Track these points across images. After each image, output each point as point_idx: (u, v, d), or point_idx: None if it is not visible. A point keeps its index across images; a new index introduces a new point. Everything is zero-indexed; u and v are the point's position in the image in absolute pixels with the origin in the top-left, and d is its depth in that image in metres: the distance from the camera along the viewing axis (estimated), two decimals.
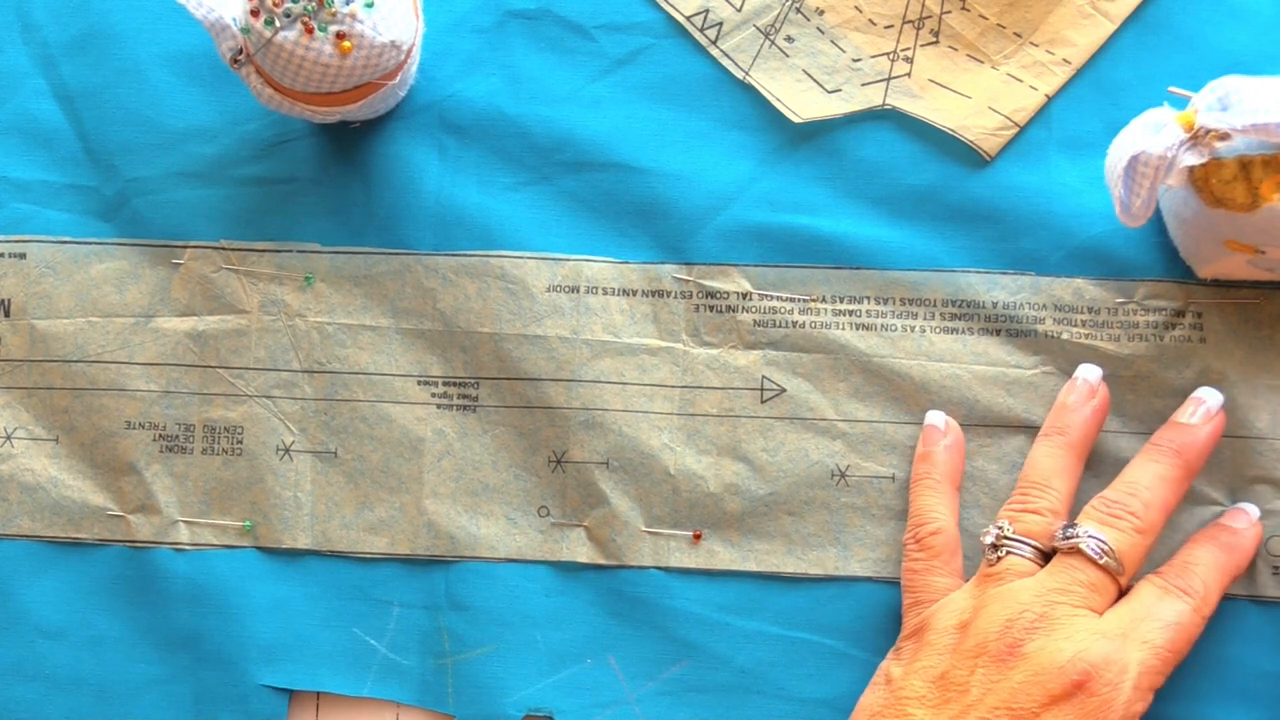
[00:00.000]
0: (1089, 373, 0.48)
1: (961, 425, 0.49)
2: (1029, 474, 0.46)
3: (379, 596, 0.50)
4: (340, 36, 0.44)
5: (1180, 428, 0.46)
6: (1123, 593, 0.44)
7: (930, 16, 0.51)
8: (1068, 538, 0.44)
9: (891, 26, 0.51)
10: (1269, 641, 0.47)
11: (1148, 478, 0.45)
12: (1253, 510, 0.47)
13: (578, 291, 0.50)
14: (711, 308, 0.50)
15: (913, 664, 0.44)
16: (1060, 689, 0.41)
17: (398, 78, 0.47)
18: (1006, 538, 0.45)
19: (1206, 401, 0.47)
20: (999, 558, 0.45)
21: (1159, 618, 0.43)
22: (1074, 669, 0.41)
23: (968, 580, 0.46)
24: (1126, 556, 0.44)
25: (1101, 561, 0.43)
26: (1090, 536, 0.43)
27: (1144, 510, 0.44)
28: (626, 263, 0.50)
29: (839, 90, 0.51)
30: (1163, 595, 0.44)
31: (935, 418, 0.48)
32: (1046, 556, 0.45)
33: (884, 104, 0.50)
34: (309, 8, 0.44)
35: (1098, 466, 0.48)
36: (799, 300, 0.50)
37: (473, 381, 0.50)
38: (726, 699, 0.48)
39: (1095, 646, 0.41)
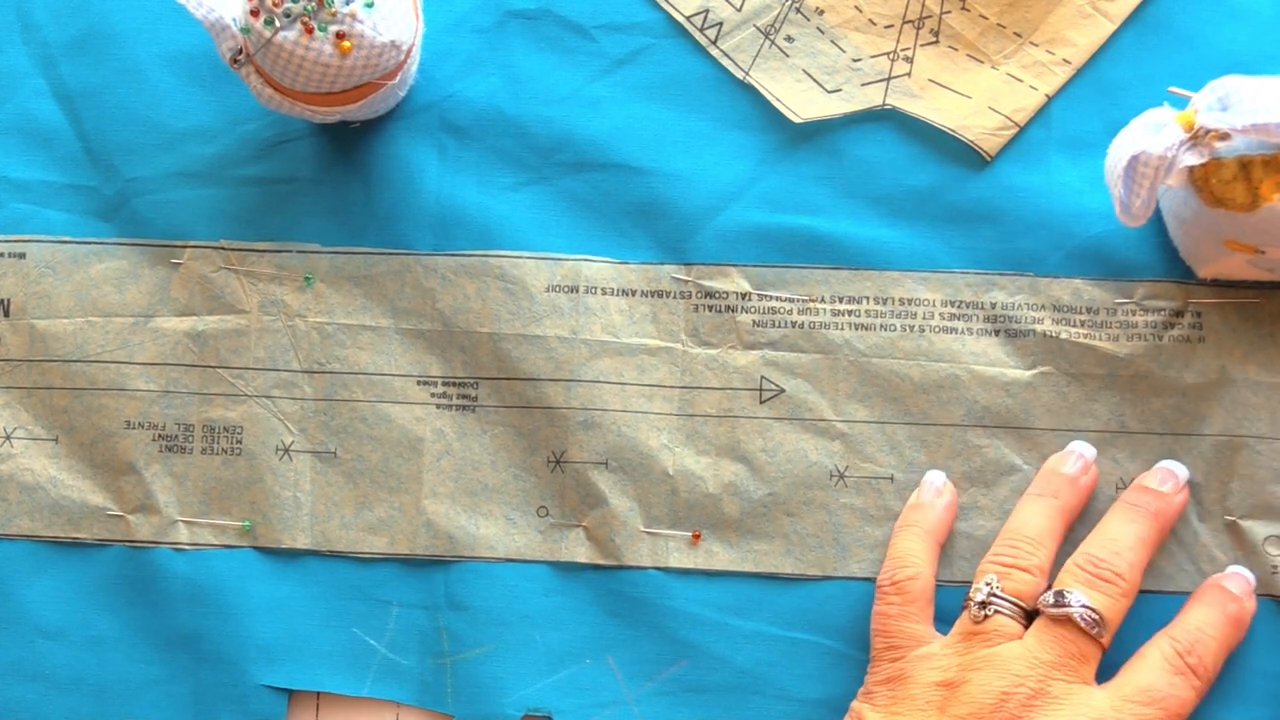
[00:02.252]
0: (1084, 449, 0.48)
1: (960, 425, 0.49)
2: (1020, 529, 0.46)
3: (378, 596, 0.50)
4: (340, 36, 0.44)
5: (1155, 494, 0.46)
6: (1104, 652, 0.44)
7: (930, 16, 0.51)
8: (1059, 604, 0.43)
9: (891, 26, 0.51)
10: (1270, 641, 0.47)
11: (1130, 538, 0.45)
12: (1251, 577, 0.47)
13: (577, 291, 0.50)
14: (711, 308, 0.50)
15: (892, 715, 0.44)
16: None
17: (398, 78, 0.48)
18: (996, 595, 0.44)
19: (1174, 471, 0.47)
20: (985, 615, 0.44)
21: (1165, 705, 0.43)
22: None
23: (940, 632, 0.46)
24: (1112, 622, 0.44)
25: (1093, 632, 0.43)
26: (1083, 606, 0.43)
27: (1129, 572, 0.44)
28: (626, 263, 0.50)
29: (839, 90, 0.51)
30: (1171, 675, 0.43)
31: (935, 477, 0.48)
32: (1029, 616, 0.45)
33: (884, 104, 0.50)
34: (309, 8, 0.44)
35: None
36: (798, 300, 0.50)
37: (472, 381, 0.50)
38: (725, 699, 0.48)
39: None
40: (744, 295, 0.50)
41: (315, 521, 0.50)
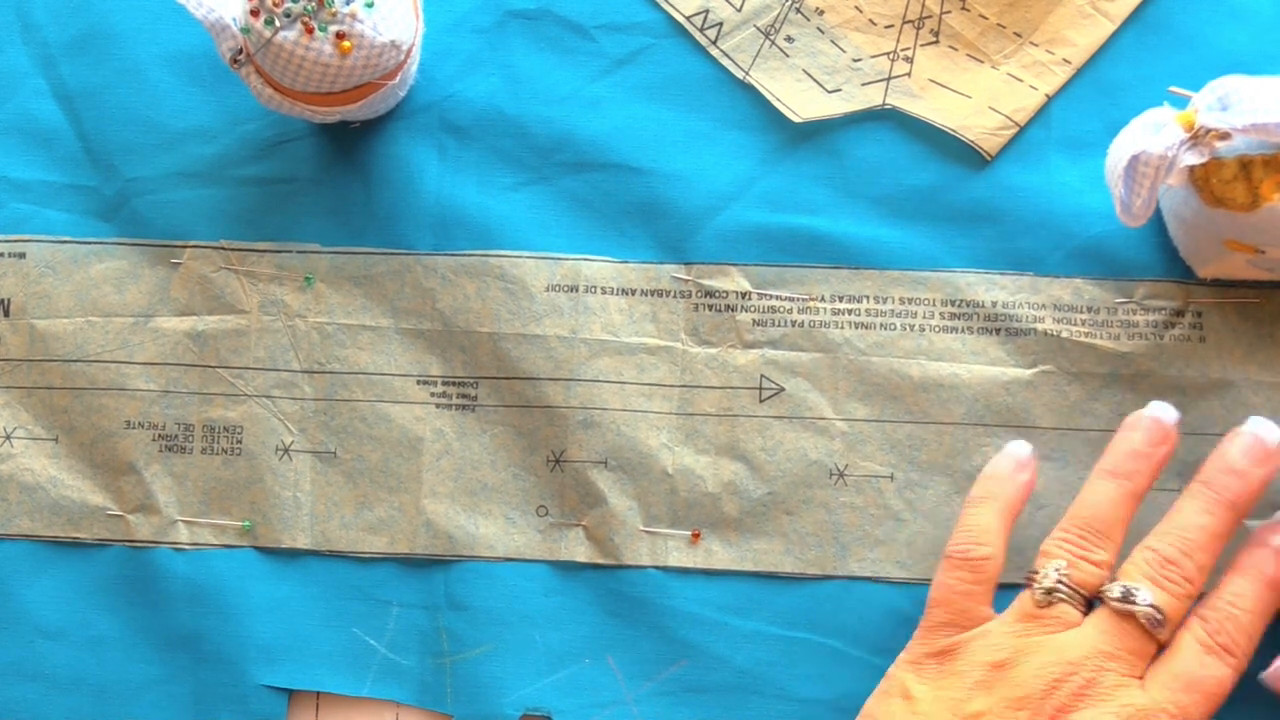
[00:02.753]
0: (1164, 412, 0.46)
1: (960, 424, 0.49)
2: (1092, 517, 0.44)
3: (378, 596, 0.50)
4: (340, 36, 0.44)
5: (1238, 477, 0.44)
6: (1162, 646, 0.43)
7: (930, 16, 0.51)
8: (1125, 600, 0.42)
9: (891, 26, 0.51)
10: (1268, 640, 0.47)
11: (1203, 535, 0.43)
12: None
13: (577, 291, 0.50)
14: (710, 307, 0.50)
15: (939, 689, 0.43)
16: None
17: (398, 78, 0.48)
18: (1062, 583, 0.43)
19: (1259, 433, 0.45)
20: (1049, 602, 0.43)
21: (1200, 687, 0.42)
22: None
23: (998, 610, 0.45)
24: (1173, 620, 0.43)
25: (1155, 632, 0.42)
26: (1149, 605, 0.42)
27: (1197, 575, 0.43)
28: (625, 262, 0.50)
29: (839, 90, 0.51)
30: (1204, 655, 0.42)
31: (1019, 448, 0.47)
32: (1089, 603, 0.44)
33: (884, 104, 0.50)
34: (309, 8, 0.44)
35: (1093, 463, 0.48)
36: (798, 300, 0.50)
37: (472, 381, 0.50)
38: (725, 699, 0.48)
39: None
40: (744, 294, 0.50)
41: (315, 521, 0.50)
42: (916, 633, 0.45)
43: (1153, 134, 0.42)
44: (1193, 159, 0.42)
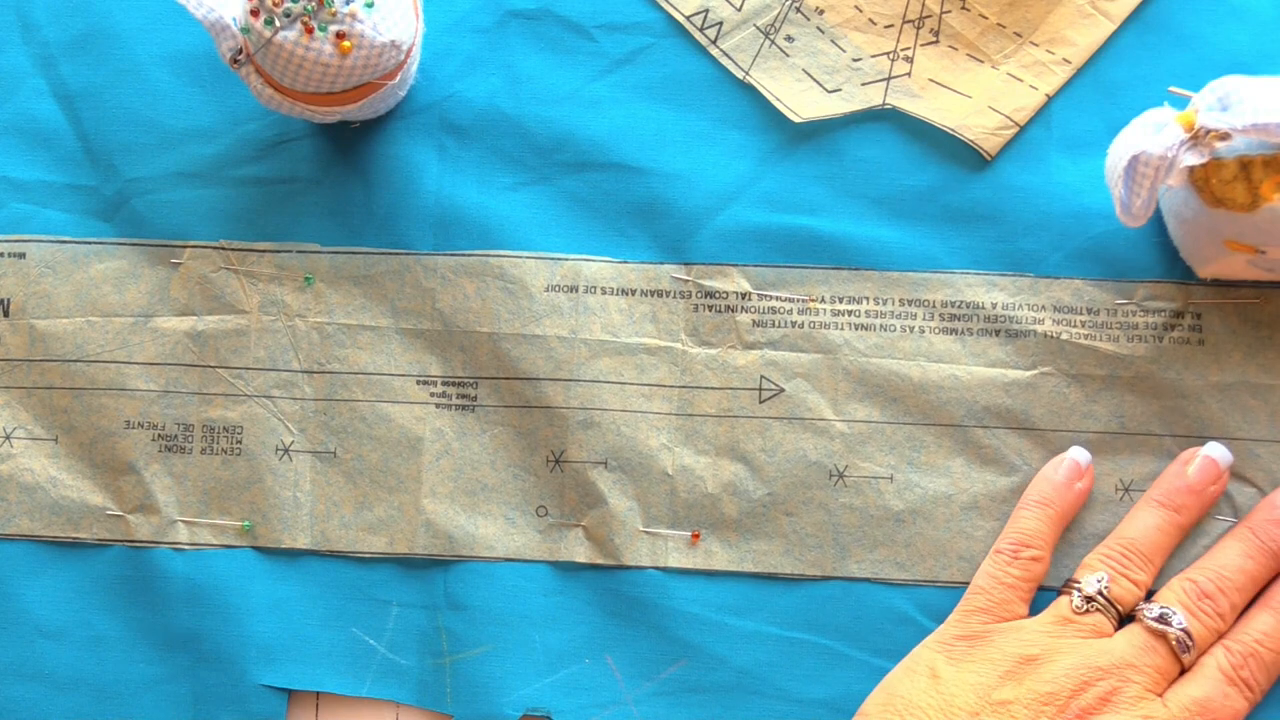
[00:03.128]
0: (1219, 453, 0.47)
1: (960, 425, 0.49)
2: (1139, 540, 0.46)
3: (378, 596, 0.50)
4: (340, 36, 0.44)
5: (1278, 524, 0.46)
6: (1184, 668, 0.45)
7: (930, 16, 0.51)
8: (1161, 621, 0.44)
9: (891, 26, 0.51)
10: None
11: (1241, 577, 0.45)
12: None
13: (576, 291, 0.50)
14: (710, 307, 0.50)
15: (966, 673, 0.44)
16: None
17: (398, 78, 0.48)
18: (1102, 594, 0.45)
19: None
20: (1086, 610, 0.45)
21: (1217, 715, 0.44)
22: None
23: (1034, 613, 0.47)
24: (1200, 648, 0.45)
25: (1182, 656, 0.44)
26: (1182, 629, 0.44)
27: (1230, 612, 0.45)
28: (625, 262, 0.50)
29: (839, 90, 0.51)
30: (1226, 686, 0.44)
31: (1081, 455, 0.48)
32: (1121, 619, 0.46)
33: (884, 104, 0.50)
34: (309, 8, 0.44)
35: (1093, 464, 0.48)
36: (798, 300, 0.50)
37: (471, 381, 0.50)
38: (724, 699, 0.48)
39: None
40: (744, 295, 0.50)
41: (315, 521, 0.50)
42: (951, 616, 0.47)
43: (1153, 134, 0.42)
44: (1193, 159, 0.42)
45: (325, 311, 0.51)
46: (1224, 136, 0.42)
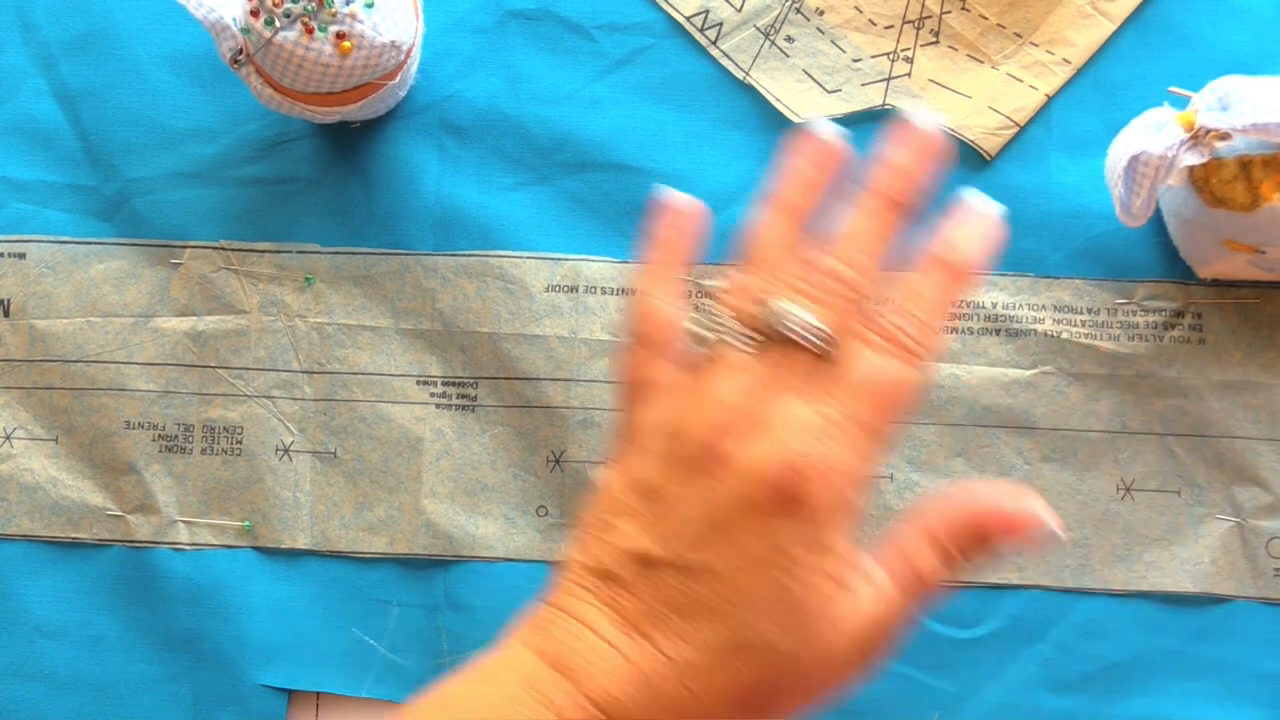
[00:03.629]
0: (824, 129, 0.39)
1: (960, 424, 0.49)
2: (755, 249, 0.38)
3: (378, 596, 0.50)
4: (340, 36, 0.44)
5: (900, 175, 0.37)
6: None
7: (930, 16, 0.51)
8: (781, 323, 0.35)
9: (891, 26, 0.51)
10: (1269, 642, 0.47)
11: (866, 239, 0.37)
12: (989, 204, 0.38)
13: (576, 291, 0.50)
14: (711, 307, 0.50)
15: (617, 467, 0.36)
16: (768, 501, 0.33)
17: (398, 78, 0.48)
18: (710, 321, 0.36)
19: (917, 123, 0.38)
20: (704, 344, 0.36)
21: (877, 391, 0.34)
22: (782, 478, 0.33)
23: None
24: (842, 330, 0.35)
25: (815, 348, 0.35)
26: (813, 327, 0.35)
27: (863, 282, 0.36)
28: (625, 262, 0.50)
29: (839, 90, 0.51)
30: (879, 359, 0.35)
31: (678, 199, 0.40)
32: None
33: (884, 104, 0.50)
34: (309, 8, 0.44)
35: (1093, 464, 0.48)
36: None
37: (471, 381, 0.50)
38: None
39: (803, 447, 0.33)
40: None
41: (315, 521, 0.50)
42: None
43: (1153, 134, 0.42)
44: (1193, 159, 0.42)
45: (325, 312, 0.51)
46: (1224, 136, 0.42)
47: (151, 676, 0.50)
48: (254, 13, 0.44)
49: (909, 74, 0.50)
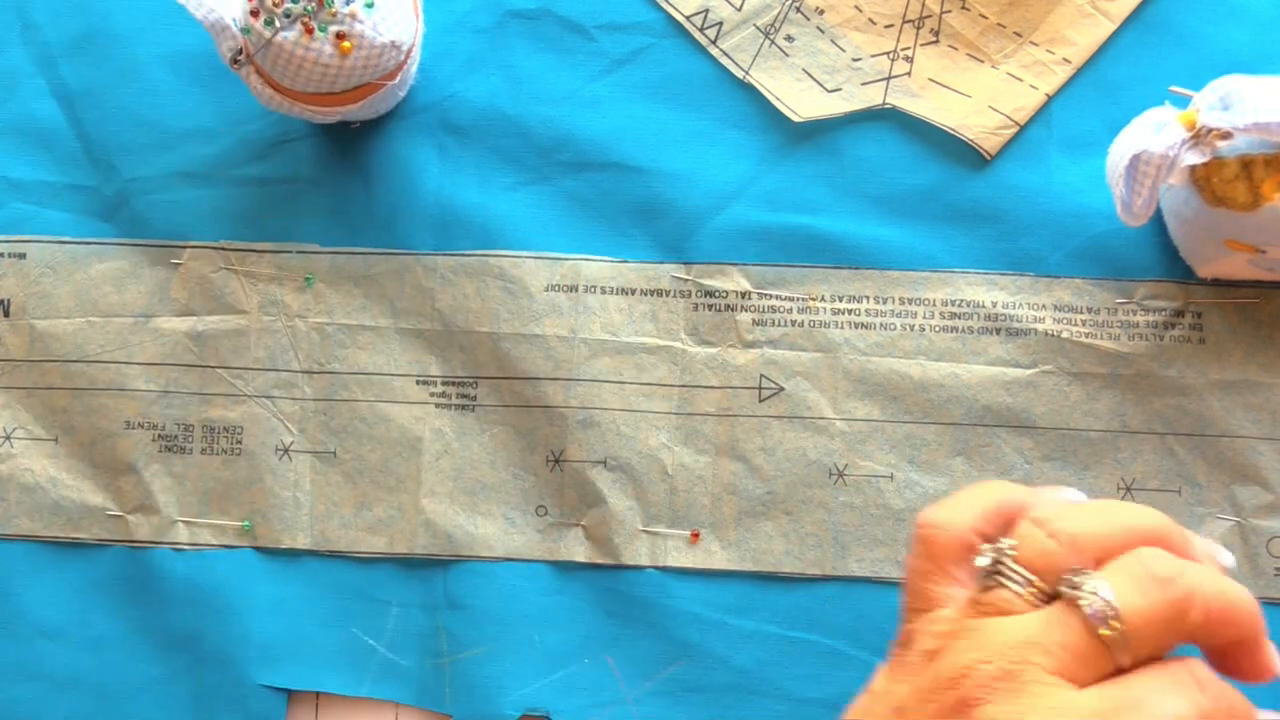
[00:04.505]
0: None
1: (960, 424, 0.49)
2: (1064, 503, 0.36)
3: (377, 596, 0.50)
4: (340, 37, 0.44)
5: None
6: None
7: (930, 16, 0.51)
8: (1071, 584, 0.32)
9: (891, 26, 0.51)
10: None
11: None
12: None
13: (576, 291, 0.50)
14: (710, 307, 0.50)
15: (890, 682, 0.35)
16: None
17: (398, 78, 0.48)
18: (1004, 563, 0.34)
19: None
20: (989, 585, 0.34)
21: (1150, 713, 0.31)
22: None
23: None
24: (1139, 633, 0.32)
25: (1099, 631, 0.32)
26: (1093, 593, 0.32)
27: (1180, 576, 0.32)
28: (625, 262, 0.50)
29: (839, 90, 0.51)
30: (1170, 688, 0.32)
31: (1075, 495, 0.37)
32: (1052, 599, 0.33)
33: (884, 103, 0.50)
34: (309, 8, 0.44)
35: (1093, 463, 0.48)
36: (798, 299, 0.50)
37: (471, 381, 0.50)
38: (724, 699, 0.48)
39: None
40: (744, 294, 0.50)
41: (315, 521, 0.50)
42: None
43: (1154, 133, 0.42)
44: (1194, 158, 0.42)
45: (325, 311, 0.51)
46: (1225, 135, 0.42)
47: (151, 677, 0.50)
48: (254, 13, 0.45)
49: (909, 73, 0.50)
